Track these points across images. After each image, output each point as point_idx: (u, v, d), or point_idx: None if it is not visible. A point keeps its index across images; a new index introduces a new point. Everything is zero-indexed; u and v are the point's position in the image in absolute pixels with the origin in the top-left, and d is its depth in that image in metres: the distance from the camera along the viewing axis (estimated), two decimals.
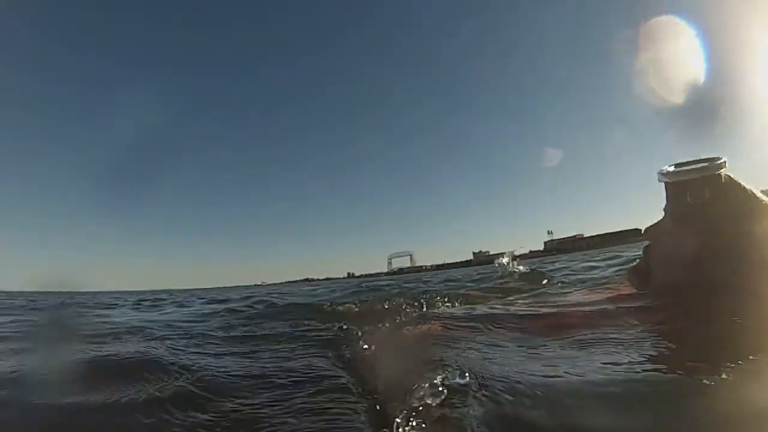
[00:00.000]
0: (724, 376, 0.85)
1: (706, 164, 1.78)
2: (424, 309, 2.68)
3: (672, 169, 1.84)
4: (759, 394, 0.78)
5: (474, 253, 40.05)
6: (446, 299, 3.07)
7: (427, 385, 0.91)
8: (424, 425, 0.80)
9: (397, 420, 0.83)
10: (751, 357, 0.94)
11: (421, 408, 0.86)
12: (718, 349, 1.10)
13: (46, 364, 1.53)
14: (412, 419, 0.83)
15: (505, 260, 5.12)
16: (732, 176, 1.74)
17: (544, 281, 4.10)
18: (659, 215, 1.96)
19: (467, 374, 0.94)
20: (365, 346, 1.76)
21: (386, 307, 2.94)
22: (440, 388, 0.89)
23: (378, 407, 1.02)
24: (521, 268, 4.83)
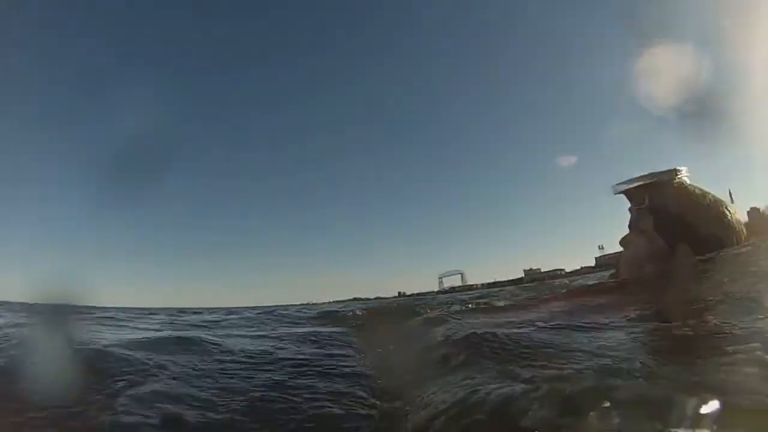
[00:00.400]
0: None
1: (645, 175, 1.94)
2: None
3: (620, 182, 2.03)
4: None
5: (525, 271, 38.68)
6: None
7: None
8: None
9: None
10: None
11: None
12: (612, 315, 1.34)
13: None
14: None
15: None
16: (685, 183, 1.88)
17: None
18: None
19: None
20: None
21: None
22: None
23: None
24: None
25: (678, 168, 1.71)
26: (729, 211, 1.59)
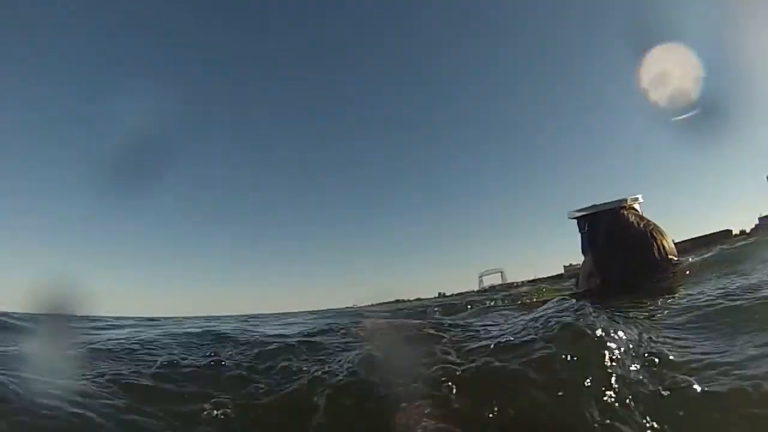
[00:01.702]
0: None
1: (590, 206, 2.37)
2: None
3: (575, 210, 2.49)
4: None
5: (565, 267, 37.83)
6: None
7: None
8: None
9: None
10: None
11: None
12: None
13: None
14: None
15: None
16: (625, 213, 2.29)
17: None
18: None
19: None
20: None
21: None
22: None
23: None
24: None
25: (628, 197, 1.98)
26: (656, 241, 1.84)
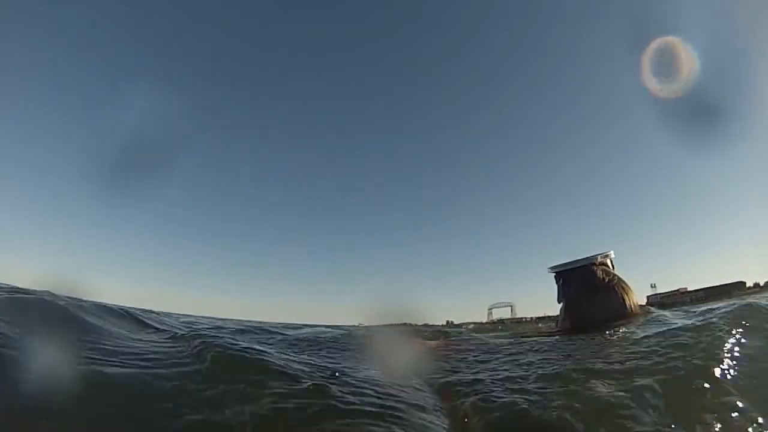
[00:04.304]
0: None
1: (563, 263, 2.89)
2: None
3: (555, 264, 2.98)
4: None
5: None
6: None
7: None
8: None
9: None
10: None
11: None
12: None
13: None
14: None
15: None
16: (594, 269, 2.78)
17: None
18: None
19: None
20: None
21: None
22: None
23: None
24: None
25: (599, 255, 2.29)
26: (618, 295, 2.14)
